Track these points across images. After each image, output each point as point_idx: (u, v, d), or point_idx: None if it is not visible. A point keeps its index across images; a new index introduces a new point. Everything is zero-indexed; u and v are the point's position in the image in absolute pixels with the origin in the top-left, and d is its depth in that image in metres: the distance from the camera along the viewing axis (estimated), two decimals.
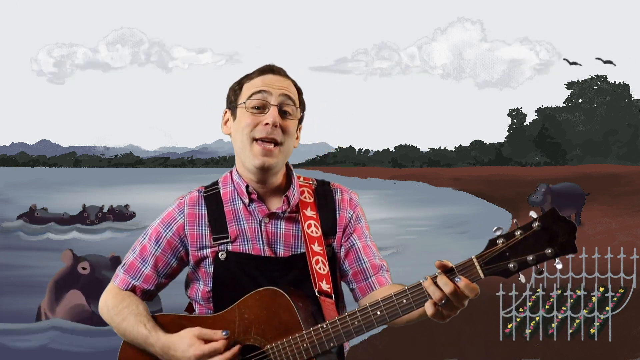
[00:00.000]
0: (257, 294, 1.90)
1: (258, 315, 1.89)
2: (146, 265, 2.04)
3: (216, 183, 2.08)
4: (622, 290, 7.34)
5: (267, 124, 1.95)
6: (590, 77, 44.92)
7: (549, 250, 1.67)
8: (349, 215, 2.07)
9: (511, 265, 1.69)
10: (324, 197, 2.07)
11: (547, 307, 7.15)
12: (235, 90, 2.05)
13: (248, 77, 2.04)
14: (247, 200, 2.01)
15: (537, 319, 7.11)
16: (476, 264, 1.72)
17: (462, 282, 1.71)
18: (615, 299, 7.25)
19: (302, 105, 2.06)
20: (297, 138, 2.05)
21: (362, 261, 2.04)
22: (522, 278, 1.72)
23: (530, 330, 7.08)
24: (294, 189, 2.04)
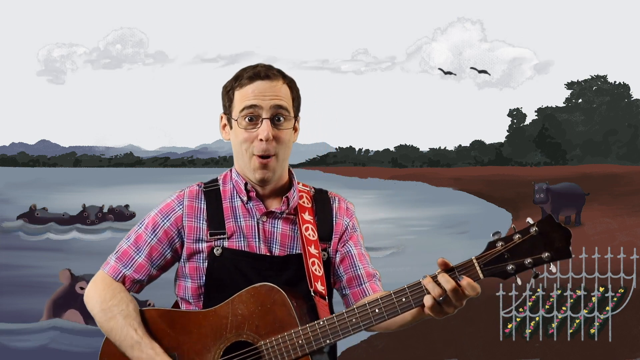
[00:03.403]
0: (253, 290, 1.89)
1: (252, 311, 1.88)
2: (140, 254, 2.02)
3: (216, 180, 2.09)
4: (622, 290, 7.34)
5: (261, 140, 1.96)
6: (590, 77, 44.94)
7: (546, 254, 1.74)
8: (346, 223, 2.10)
9: (509, 267, 1.76)
10: (322, 204, 2.10)
11: (547, 307, 7.15)
12: (229, 93, 2.03)
13: (239, 83, 2.01)
14: (245, 198, 2.03)
15: (537, 319, 7.11)
16: (476, 264, 1.77)
17: (464, 280, 1.76)
18: (615, 299, 7.25)
19: (295, 102, 2.05)
20: (295, 131, 2.06)
21: (357, 268, 2.06)
22: (519, 280, 1.79)
23: (530, 330, 7.08)
24: (294, 191, 2.06)
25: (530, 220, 1.76)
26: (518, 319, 7.07)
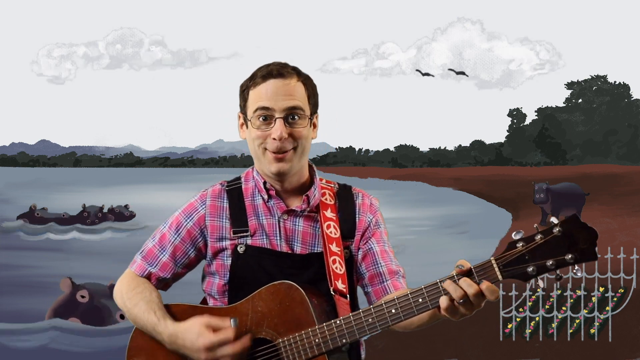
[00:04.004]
0: (272, 287, 1.89)
1: (272, 308, 1.88)
2: (164, 253, 2.04)
3: (239, 178, 2.10)
4: (622, 290, 7.34)
5: (274, 139, 1.96)
6: (590, 77, 44.97)
7: (569, 256, 1.66)
8: (369, 219, 2.07)
9: (530, 268, 1.69)
10: (345, 201, 2.07)
11: (547, 307, 7.15)
12: (244, 93, 2.04)
13: (253, 82, 2.02)
14: (266, 197, 2.03)
15: (537, 319, 7.11)
16: (495, 265, 1.72)
17: (483, 284, 1.71)
18: (615, 299, 7.25)
19: (312, 99, 2.04)
20: (314, 128, 2.06)
21: (379, 265, 2.04)
22: (541, 283, 1.72)
23: (530, 330, 7.08)
24: (315, 189, 2.05)
25: (554, 219, 1.68)
26: (518, 319, 7.07)
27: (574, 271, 1.68)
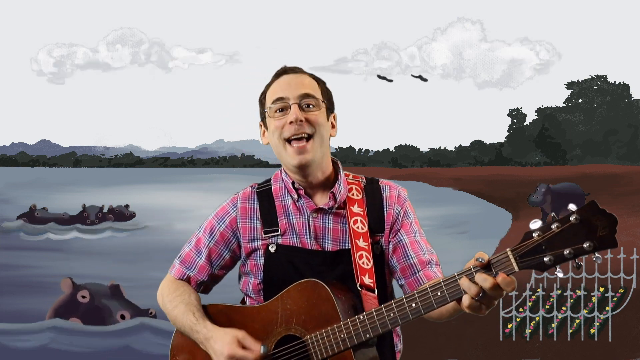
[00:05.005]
0: (300, 285, 1.94)
1: (300, 306, 1.93)
2: (200, 256, 2.12)
3: (269, 180, 2.15)
4: (622, 290, 7.34)
5: (291, 122, 2.00)
6: (590, 77, 44.94)
7: (587, 244, 1.61)
8: (397, 211, 2.09)
9: (547, 258, 1.65)
10: (372, 195, 2.10)
11: (547, 307, 7.15)
12: (261, 100, 2.11)
13: (267, 85, 2.10)
14: (295, 196, 2.07)
15: (537, 319, 7.11)
16: (511, 256, 1.69)
17: (499, 277, 1.69)
18: (615, 299, 7.25)
19: (325, 95, 2.09)
20: (333, 127, 2.10)
21: (410, 257, 2.06)
22: (560, 273, 1.69)
23: (530, 330, 7.08)
24: (340, 185, 2.07)
25: (572, 206, 1.63)
26: (518, 319, 7.07)
27: (594, 259, 1.63)
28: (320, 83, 2.10)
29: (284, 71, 2.09)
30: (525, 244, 1.68)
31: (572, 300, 7.18)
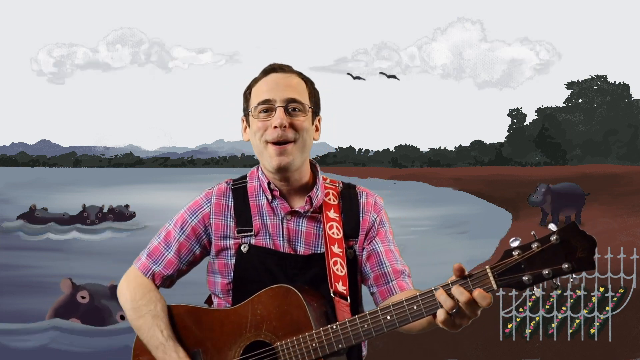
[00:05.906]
0: (271, 291, 1.90)
1: (270, 311, 1.90)
2: (169, 250, 2.06)
3: (244, 177, 2.10)
4: (622, 290, 7.34)
5: (275, 127, 1.96)
6: (590, 77, 44.96)
7: (566, 265, 1.63)
8: (373, 218, 2.07)
9: (526, 278, 1.66)
10: (349, 200, 2.07)
11: (547, 307, 7.15)
12: (246, 95, 2.06)
13: (255, 81, 2.05)
14: (270, 197, 2.03)
15: (537, 319, 7.11)
16: (490, 274, 1.69)
17: (475, 291, 1.69)
18: (615, 299, 7.25)
19: (312, 98, 2.05)
20: (317, 130, 2.07)
21: (384, 265, 2.04)
22: (537, 292, 1.69)
23: (530, 330, 7.08)
24: (317, 189, 2.04)
25: (552, 226, 1.64)
26: (518, 319, 7.07)
27: (571, 280, 1.66)
28: (309, 84, 2.05)
29: (272, 69, 2.04)
30: (505, 262, 1.68)
31: (572, 300, 7.18)
